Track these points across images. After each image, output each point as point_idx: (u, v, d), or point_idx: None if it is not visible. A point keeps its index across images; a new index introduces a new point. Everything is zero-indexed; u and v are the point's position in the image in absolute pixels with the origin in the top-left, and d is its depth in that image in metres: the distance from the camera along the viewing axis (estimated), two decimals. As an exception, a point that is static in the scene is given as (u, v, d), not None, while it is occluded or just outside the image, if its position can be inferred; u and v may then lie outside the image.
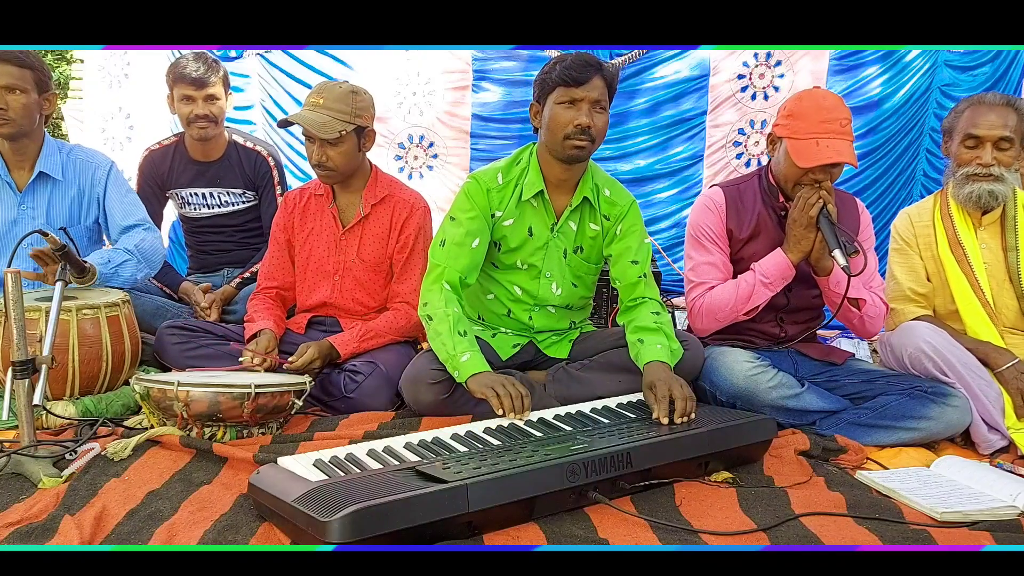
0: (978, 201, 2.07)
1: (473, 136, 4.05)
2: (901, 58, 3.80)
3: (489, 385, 1.72)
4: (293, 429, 1.92)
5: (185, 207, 2.87)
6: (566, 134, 1.87)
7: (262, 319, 2.21)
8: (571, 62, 1.84)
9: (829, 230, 1.91)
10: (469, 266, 1.96)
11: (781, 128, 2.02)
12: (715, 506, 1.48)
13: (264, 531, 1.33)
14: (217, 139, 2.78)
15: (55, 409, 1.89)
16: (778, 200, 2.10)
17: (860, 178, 3.88)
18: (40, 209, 2.33)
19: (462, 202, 2.00)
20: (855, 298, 2.00)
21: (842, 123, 1.94)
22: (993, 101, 2.06)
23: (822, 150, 1.90)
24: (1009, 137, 2.03)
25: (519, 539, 1.32)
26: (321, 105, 2.11)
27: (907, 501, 1.53)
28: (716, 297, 2.06)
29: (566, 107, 1.86)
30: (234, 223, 2.87)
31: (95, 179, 2.37)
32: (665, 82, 3.97)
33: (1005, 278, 2.11)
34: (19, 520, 1.33)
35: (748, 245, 2.11)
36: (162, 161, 2.83)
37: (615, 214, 2.05)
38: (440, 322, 1.87)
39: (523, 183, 1.99)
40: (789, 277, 2.02)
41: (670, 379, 1.75)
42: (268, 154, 2.87)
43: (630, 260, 2.05)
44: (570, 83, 1.84)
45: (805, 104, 1.98)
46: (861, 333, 2.15)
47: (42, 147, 2.30)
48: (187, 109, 2.67)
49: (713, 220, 2.12)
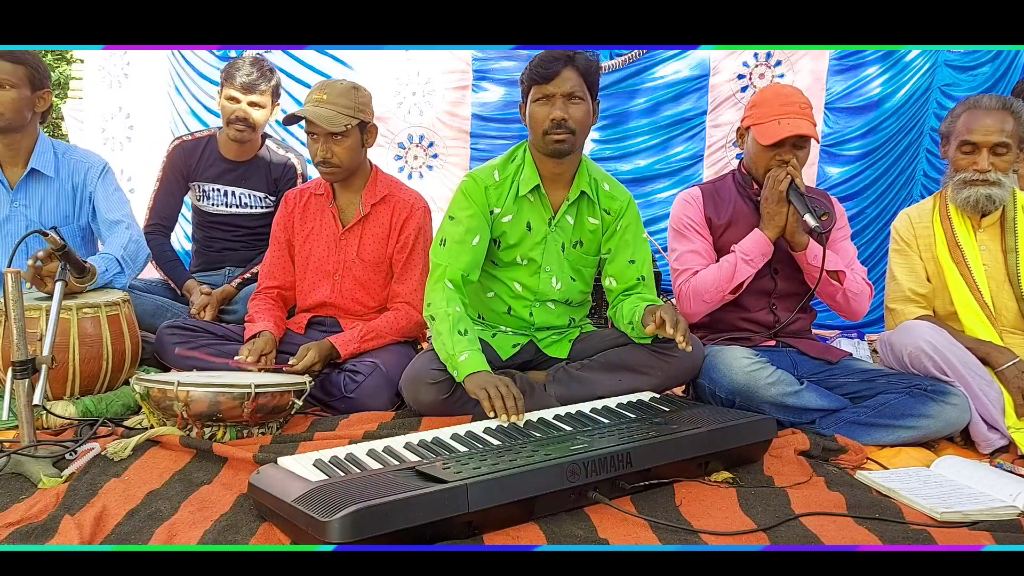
0: (976, 206, 2.09)
1: (473, 136, 4.05)
2: (901, 58, 3.81)
3: (482, 386, 1.72)
4: (293, 429, 1.92)
5: (204, 200, 2.86)
6: (544, 130, 1.92)
7: (262, 320, 2.21)
8: (538, 59, 1.90)
9: (799, 200, 2.04)
10: (471, 263, 1.97)
11: (747, 119, 2.17)
12: (715, 506, 1.48)
13: (264, 531, 1.33)
14: (252, 142, 2.81)
15: (55, 409, 1.89)
16: (752, 188, 2.21)
17: (860, 178, 3.88)
18: (33, 206, 2.32)
19: (460, 201, 2.01)
20: (835, 271, 2.09)
21: (801, 106, 2.07)
22: (989, 105, 2.06)
23: (783, 127, 2.04)
24: (1005, 142, 2.04)
25: (519, 539, 1.32)
26: (325, 101, 2.12)
27: (907, 501, 1.53)
28: (701, 279, 2.14)
29: (541, 104, 1.92)
30: (248, 225, 2.88)
31: (88, 178, 2.37)
32: (665, 82, 3.97)
33: (1004, 280, 2.11)
34: (19, 520, 1.33)
35: (728, 232, 2.20)
36: (192, 152, 2.84)
37: (616, 209, 2.09)
38: (441, 322, 1.88)
39: (519, 179, 2.02)
40: (768, 253, 2.10)
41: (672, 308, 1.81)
42: (297, 163, 2.89)
43: (628, 259, 2.07)
44: (539, 80, 1.90)
45: (766, 93, 2.16)
46: (847, 313, 2.19)
47: (36, 144, 2.30)
48: (230, 108, 2.70)
49: (692, 211, 2.23)
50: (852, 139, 3.87)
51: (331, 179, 2.24)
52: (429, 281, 1.99)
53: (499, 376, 1.77)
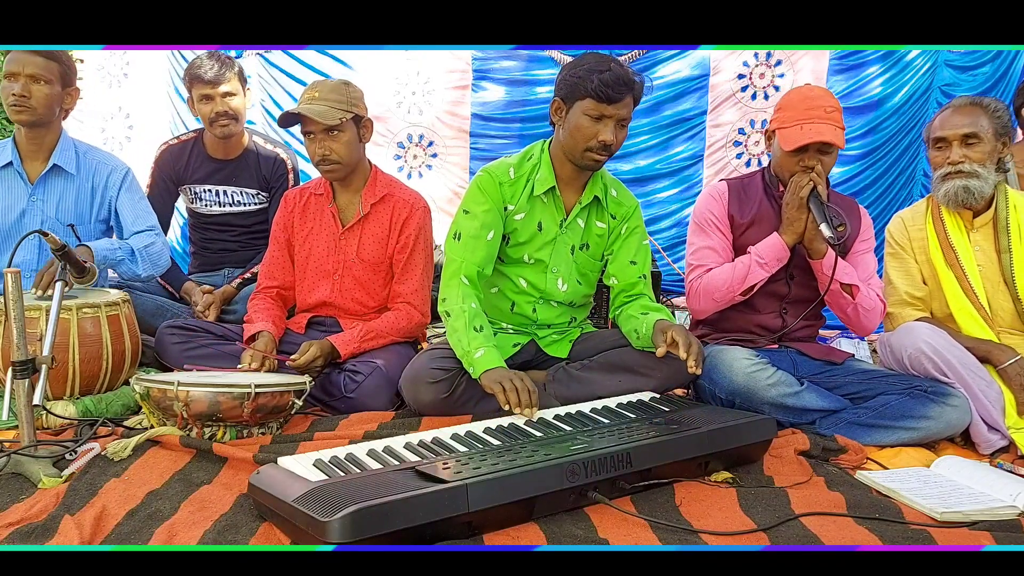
0: (955, 199, 2.08)
1: (473, 135, 4.05)
2: (902, 57, 3.81)
3: (498, 380, 1.73)
4: (293, 429, 1.92)
5: (196, 202, 2.87)
6: (588, 147, 1.90)
7: (261, 320, 2.21)
8: (609, 78, 1.82)
9: (818, 208, 2.01)
10: (486, 258, 1.98)
11: (773, 122, 2.14)
12: (715, 506, 1.48)
13: (264, 531, 1.33)
14: (238, 138, 2.80)
15: (55, 409, 1.89)
16: (778, 190, 2.18)
17: (860, 178, 3.89)
18: (50, 202, 2.33)
19: (475, 195, 2.01)
20: (848, 284, 2.06)
21: (827, 110, 2.03)
22: (958, 104, 2.12)
23: (805, 133, 2.01)
24: (974, 132, 2.05)
25: (519, 539, 1.32)
26: (318, 98, 2.12)
27: (907, 501, 1.53)
28: (713, 277, 2.12)
29: (593, 120, 1.87)
30: (243, 223, 2.87)
31: (110, 182, 2.39)
32: (665, 82, 3.97)
33: (1000, 280, 2.11)
34: (19, 520, 1.33)
35: (749, 231, 2.17)
36: (179, 156, 2.84)
37: (621, 214, 2.10)
38: (457, 318, 1.89)
39: (535, 178, 2.01)
40: (784, 258, 2.08)
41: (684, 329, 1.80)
42: (286, 158, 2.88)
43: (629, 260, 2.08)
44: (603, 99, 1.84)
45: (792, 96, 2.12)
46: (856, 327, 2.18)
47: (59, 141, 2.32)
48: (207, 108, 2.69)
49: (716, 207, 2.20)
50: (853, 139, 3.87)
51: (332, 177, 2.24)
52: (444, 275, 1.99)
53: (513, 371, 1.78)
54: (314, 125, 2.11)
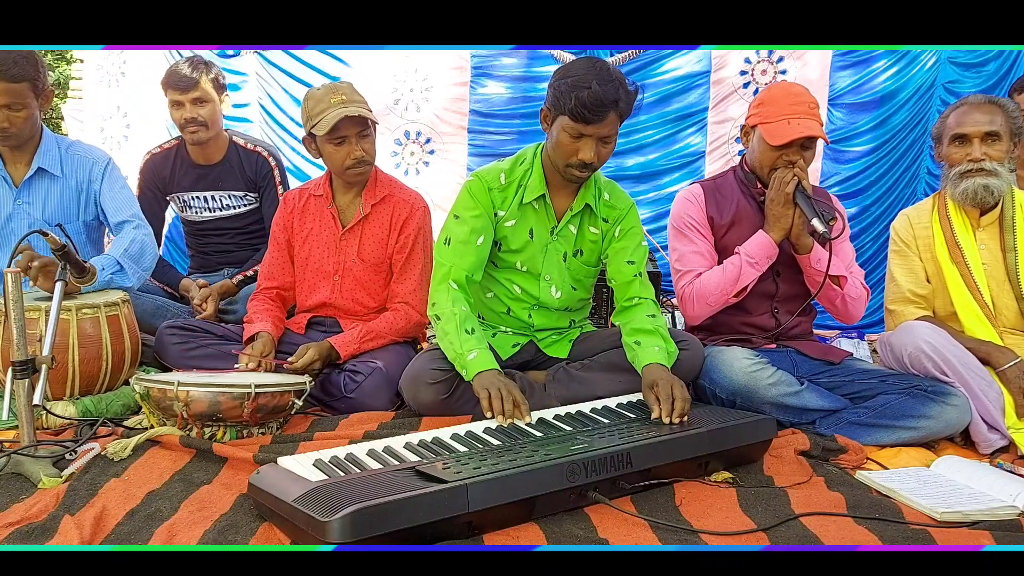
0: (974, 197, 2.08)
1: (471, 132, 4.04)
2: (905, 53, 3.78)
3: (485, 386, 1.71)
4: (293, 429, 1.92)
5: (186, 210, 2.86)
6: (568, 163, 1.88)
7: (260, 321, 2.21)
8: (588, 99, 1.74)
9: (806, 203, 2.01)
10: (475, 264, 1.96)
11: (753, 117, 2.12)
12: (715, 506, 1.48)
13: (264, 531, 1.33)
14: (216, 142, 2.78)
15: (55, 409, 1.90)
16: (755, 187, 2.18)
17: (865, 174, 3.86)
18: (36, 204, 2.32)
19: (465, 200, 1.99)
20: (836, 275, 2.07)
21: (810, 106, 2.04)
22: (976, 101, 2.11)
23: (793, 127, 2.00)
24: (995, 132, 2.06)
25: (519, 539, 1.32)
26: (347, 100, 2.10)
27: (907, 501, 1.53)
28: (705, 282, 2.12)
29: (572, 139, 1.83)
30: (236, 226, 2.87)
31: (92, 175, 2.37)
32: (668, 78, 3.96)
33: (1004, 279, 2.10)
34: (19, 520, 1.34)
35: (730, 232, 2.17)
36: (163, 165, 2.83)
37: (614, 216, 2.07)
38: (447, 321, 1.87)
39: (526, 184, 1.99)
40: (773, 256, 2.08)
41: (671, 379, 1.76)
42: (269, 154, 2.86)
43: (626, 260, 2.06)
44: (580, 120, 1.78)
45: (774, 92, 2.12)
46: (843, 317, 2.19)
47: (40, 142, 2.31)
48: (178, 114, 2.68)
49: (694, 210, 2.20)
50: (859, 135, 3.84)
51: (363, 178, 2.22)
52: (433, 280, 1.98)
53: (505, 379, 1.76)
54: (349, 129, 2.09)
